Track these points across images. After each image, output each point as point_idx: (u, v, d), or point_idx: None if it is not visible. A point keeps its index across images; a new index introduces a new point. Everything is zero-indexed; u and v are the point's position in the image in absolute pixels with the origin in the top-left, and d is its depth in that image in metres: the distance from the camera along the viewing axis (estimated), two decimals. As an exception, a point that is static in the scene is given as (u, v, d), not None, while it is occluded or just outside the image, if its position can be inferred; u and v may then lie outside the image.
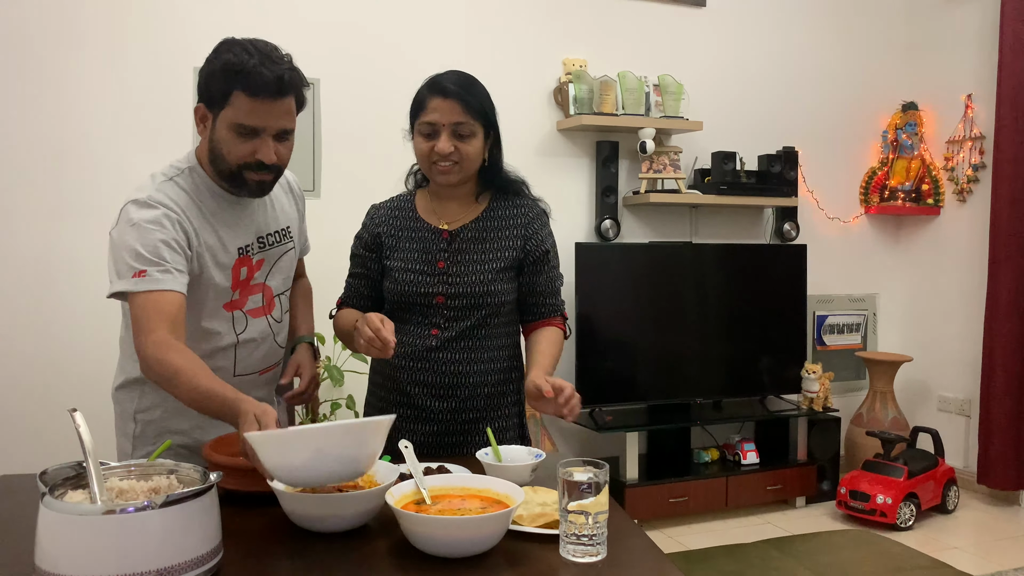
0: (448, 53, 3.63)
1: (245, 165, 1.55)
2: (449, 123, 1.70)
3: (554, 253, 1.85)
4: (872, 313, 4.67)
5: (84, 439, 1.11)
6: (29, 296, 3.07)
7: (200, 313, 1.60)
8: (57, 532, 1.02)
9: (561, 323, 1.85)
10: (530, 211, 1.83)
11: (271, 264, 1.72)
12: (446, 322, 1.77)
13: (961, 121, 4.35)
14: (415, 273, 1.77)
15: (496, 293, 1.76)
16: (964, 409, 4.33)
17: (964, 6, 4.33)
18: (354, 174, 3.44)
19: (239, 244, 1.64)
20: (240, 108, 1.49)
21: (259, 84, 1.48)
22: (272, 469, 1.20)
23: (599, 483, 1.19)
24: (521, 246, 1.79)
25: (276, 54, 1.53)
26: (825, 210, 4.49)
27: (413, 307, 1.78)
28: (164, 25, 3.21)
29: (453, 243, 1.78)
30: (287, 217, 1.78)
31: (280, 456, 1.19)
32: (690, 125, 3.94)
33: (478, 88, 1.76)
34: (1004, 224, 3.98)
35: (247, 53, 1.48)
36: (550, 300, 1.84)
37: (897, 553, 3.34)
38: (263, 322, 1.70)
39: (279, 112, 1.53)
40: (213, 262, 1.59)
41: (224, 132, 1.53)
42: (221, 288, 1.61)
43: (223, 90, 1.50)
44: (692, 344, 3.96)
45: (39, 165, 3.07)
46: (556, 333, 1.83)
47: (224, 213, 1.63)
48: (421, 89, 1.75)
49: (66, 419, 1.20)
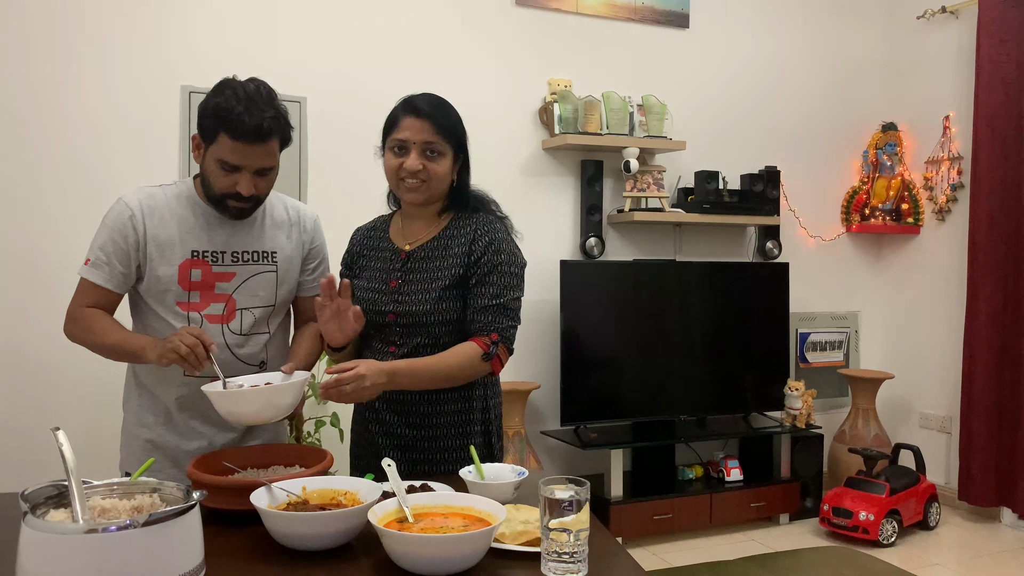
0: (435, 73, 3.67)
1: (227, 194, 1.73)
2: (419, 141, 1.73)
3: (500, 271, 1.76)
4: (854, 331, 4.71)
5: (67, 458, 1.11)
6: (9, 311, 3.06)
7: (156, 303, 1.78)
8: (39, 551, 1.02)
9: (483, 342, 1.72)
10: (480, 227, 1.80)
11: (242, 279, 1.82)
12: (400, 339, 1.79)
13: (940, 141, 4.42)
14: (372, 292, 1.82)
15: (441, 311, 1.76)
16: (945, 426, 4.37)
17: (942, 29, 4.41)
18: (340, 191, 3.45)
19: (195, 247, 1.78)
20: (224, 147, 1.68)
21: (240, 130, 1.65)
22: (224, 414, 1.60)
23: (580, 501, 1.20)
24: (464, 263, 1.78)
25: (264, 99, 1.68)
26: (807, 228, 4.54)
27: (373, 325, 1.81)
28: (153, 42, 3.22)
29: (408, 262, 1.81)
30: (276, 244, 1.86)
31: (232, 405, 1.59)
32: (673, 145, 3.98)
33: (450, 111, 1.79)
34: (982, 242, 4.04)
35: (236, 99, 1.66)
36: (480, 316, 1.74)
37: (879, 570, 3.36)
38: (219, 328, 1.80)
39: (259, 153, 1.70)
40: (159, 257, 1.76)
41: (211, 164, 1.72)
42: (166, 280, 1.76)
43: (212, 129, 1.69)
44: (676, 361, 3.98)
45: (24, 178, 3.06)
46: (464, 348, 1.72)
47: (195, 220, 1.79)
48: (395, 107, 1.79)
49: (49, 437, 1.20)
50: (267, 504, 1.33)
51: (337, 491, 1.41)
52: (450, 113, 1.78)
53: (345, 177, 3.47)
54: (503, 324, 1.75)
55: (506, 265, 1.78)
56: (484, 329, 1.74)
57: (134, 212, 1.75)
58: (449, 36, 3.73)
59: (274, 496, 1.36)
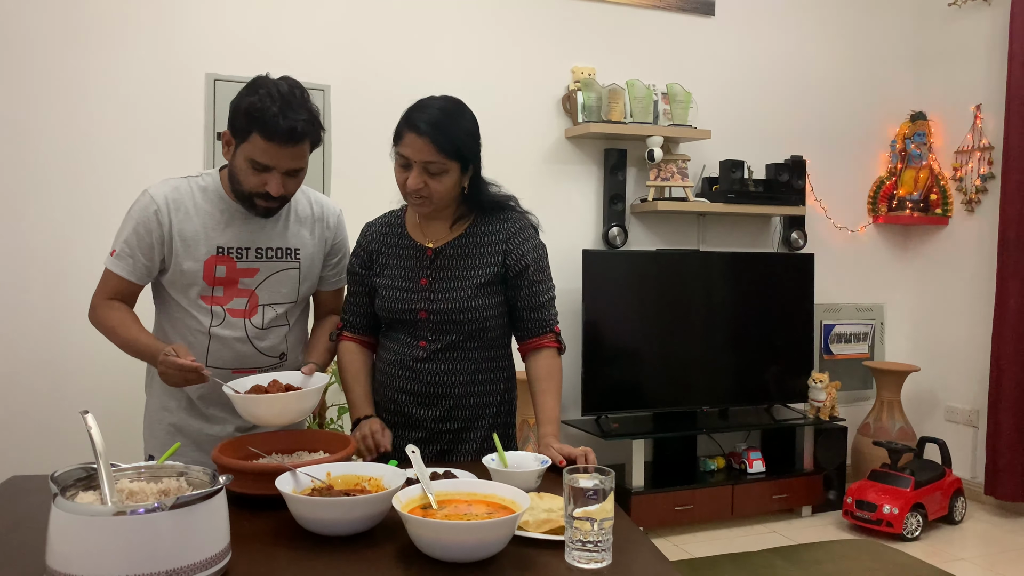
0: (458, 60, 3.66)
1: (256, 193, 1.73)
2: (420, 161, 1.70)
3: (538, 267, 1.83)
4: (880, 322, 4.66)
5: (95, 441, 1.12)
6: (40, 298, 3.10)
7: (180, 295, 1.80)
8: (68, 533, 1.03)
9: (552, 340, 1.84)
10: (512, 225, 1.83)
11: (265, 276, 1.83)
12: (433, 335, 1.80)
13: (970, 131, 4.34)
14: (400, 290, 1.81)
15: (477, 309, 1.78)
16: (972, 420, 4.31)
17: (973, 16, 4.33)
18: (364, 178, 3.45)
19: (220, 243, 1.79)
20: (256, 147, 1.67)
21: (274, 131, 1.64)
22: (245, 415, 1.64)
23: (605, 490, 1.20)
24: (501, 261, 1.80)
25: (298, 101, 1.67)
26: (833, 219, 4.48)
27: (401, 323, 1.82)
28: (176, 30, 3.23)
29: (436, 260, 1.80)
30: (300, 241, 1.87)
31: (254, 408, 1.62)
32: (698, 134, 3.94)
33: (455, 124, 1.71)
34: (1013, 234, 3.97)
35: (270, 98, 1.65)
36: (535, 315, 1.83)
37: (903, 563, 3.33)
38: (240, 323, 1.82)
39: (290, 155, 1.69)
40: (184, 251, 1.77)
41: (241, 162, 1.71)
42: (191, 275, 1.77)
43: (245, 128, 1.67)
44: (699, 352, 3.96)
45: (49, 167, 3.10)
46: (549, 360, 1.83)
47: (220, 215, 1.79)
48: (402, 117, 1.74)
49: (78, 420, 1.21)
50: (292, 489, 1.34)
51: (361, 477, 1.42)
52: (454, 127, 1.71)
53: (369, 165, 3.46)
54: (555, 315, 1.87)
55: (544, 259, 1.87)
56: (545, 326, 1.84)
57: (159, 206, 1.75)
58: (472, 23, 3.71)
59: (299, 481, 1.37)
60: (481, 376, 1.83)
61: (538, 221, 1.89)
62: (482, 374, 1.83)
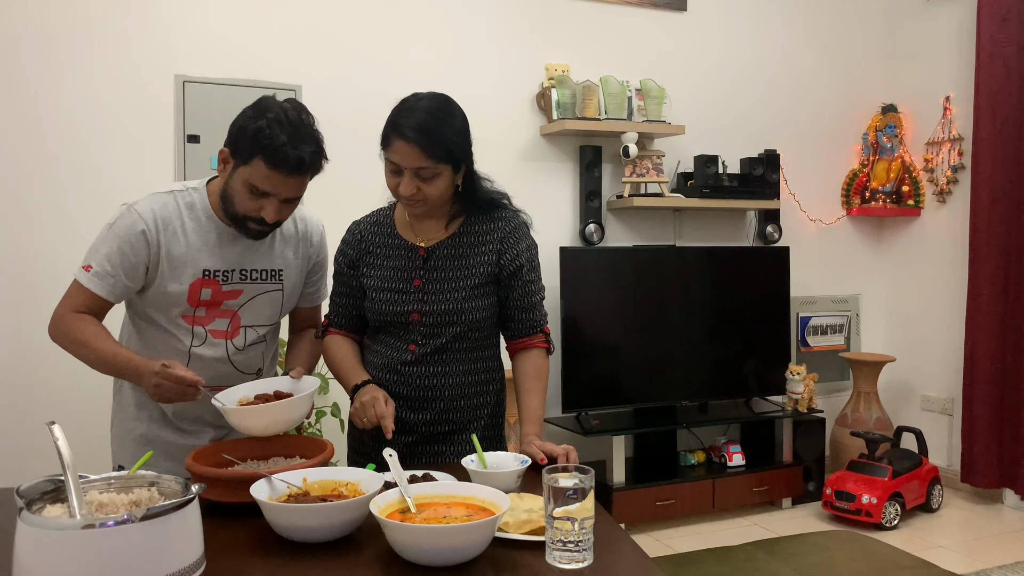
0: (431, 60, 3.63)
1: (249, 217, 1.67)
2: (411, 167, 1.66)
3: (531, 267, 1.82)
4: (855, 314, 4.70)
5: (63, 452, 1.09)
6: (3, 304, 3.03)
7: (159, 314, 1.74)
8: (35, 548, 1.00)
9: (542, 340, 1.84)
10: (506, 225, 1.81)
11: (248, 297, 1.79)
12: (423, 339, 1.77)
13: (940, 123, 4.39)
14: (391, 292, 1.78)
15: (471, 310, 1.76)
16: (947, 408, 4.36)
17: (942, 9, 4.37)
18: (335, 179, 3.41)
19: (206, 266, 1.72)
20: (258, 173, 1.62)
21: (281, 160, 1.60)
22: (237, 427, 1.59)
23: (585, 489, 1.19)
24: (496, 261, 1.78)
25: (306, 129, 1.64)
26: (807, 212, 4.52)
27: (391, 325, 1.79)
28: (144, 31, 3.18)
29: (429, 260, 1.77)
30: (284, 261, 1.83)
31: (247, 419, 1.57)
32: (672, 129, 3.95)
33: (444, 126, 1.67)
34: (983, 224, 4.02)
35: (279, 125, 1.60)
36: (526, 315, 1.82)
37: (883, 553, 3.36)
38: (222, 344, 1.78)
39: (293, 185, 1.65)
40: (171, 273, 1.70)
41: (239, 184, 1.65)
42: (175, 296, 1.71)
43: (249, 151, 1.61)
44: (677, 347, 3.97)
45: (16, 171, 3.03)
46: (538, 360, 1.82)
47: (208, 237, 1.73)
48: (387, 123, 1.69)
49: (44, 432, 1.18)
50: (267, 496, 1.31)
51: (338, 482, 1.40)
52: (444, 129, 1.66)
53: (342, 166, 3.43)
54: (545, 315, 1.87)
55: (537, 259, 1.86)
56: (535, 326, 1.83)
57: (148, 226, 1.67)
58: (445, 21, 3.69)
59: (274, 488, 1.35)
60: (472, 378, 1.81)
61: (530, 220, 1.87)
62: (474, 375, 1.81)
